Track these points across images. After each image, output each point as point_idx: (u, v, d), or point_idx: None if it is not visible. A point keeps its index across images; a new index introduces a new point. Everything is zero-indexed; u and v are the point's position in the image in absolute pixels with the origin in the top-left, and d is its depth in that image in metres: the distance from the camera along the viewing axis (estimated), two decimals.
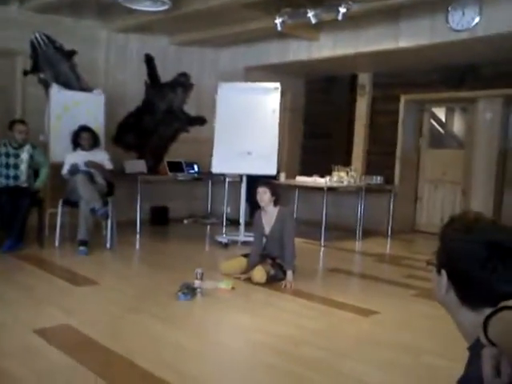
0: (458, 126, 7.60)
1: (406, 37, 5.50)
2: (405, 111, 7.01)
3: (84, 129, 5.44)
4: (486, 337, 1.03)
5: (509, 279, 1.09)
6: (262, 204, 4.31)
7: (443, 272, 1.18)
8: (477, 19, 4.89)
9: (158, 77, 6.99)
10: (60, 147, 5.51)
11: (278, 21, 5.26)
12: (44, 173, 5.19)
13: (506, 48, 5.41)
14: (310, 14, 5.08)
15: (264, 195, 4.27)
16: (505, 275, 1.09)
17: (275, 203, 4.33)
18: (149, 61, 6.89)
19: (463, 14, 4.99)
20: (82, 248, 4.87)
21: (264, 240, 4.39)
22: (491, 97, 6.36)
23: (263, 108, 5.67)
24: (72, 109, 5.75)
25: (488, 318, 1.04)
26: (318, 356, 2.73)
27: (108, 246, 5.16)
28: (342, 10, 4.86)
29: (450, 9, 5.06)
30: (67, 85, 6.00)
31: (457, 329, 1.22)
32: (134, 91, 6.78)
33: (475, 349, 1.10)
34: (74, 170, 5.14)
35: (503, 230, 1.15)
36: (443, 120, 7.59)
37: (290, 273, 4.12)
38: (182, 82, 7.24)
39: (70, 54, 6.14)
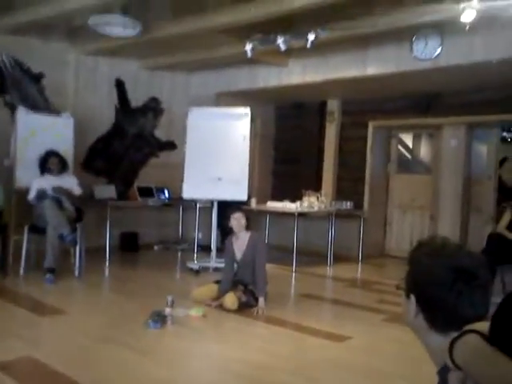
0: (424, 151, 7.81)
1: (374, 64, 5.67)
2: (373, 137, 7.17)
3: (52, 153, 5.37)
4: (452, 360, 1.06)
5: (473, 303, 1.13)
6: (237, 230, 4.34)
7: (412, 296, 1.21)
8: (439, 50, 5.10)
9: (128, 101, 7.00)
10: (26, 172, 5.40)
11: (248, 47, 5.36)
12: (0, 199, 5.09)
13: (467, 78, 5.63)
14: (280, 41, 5.19)
15: (242, 220, 4.33)
16: (469, 299, 1.13)
17: (246, 228, 4.36)
18: (119, 85, 6.90)
19: (426, 44, 5.19)
20: (48, 276, 4.76)
21: (235, 266, 4.39)
22: (455, 124, 6.58)
23: (234, 133, 5.72)
24: (39, 133, 5.67)
25: (453, 341, 1.07)
26: (289, 382, 2.72)
27: (76, 273, 5.06)
28: (311, 37, 4.99)
29: (414, 39, 5.26)
30: (35, 108, 5.93)
31: (426, 353, 1.24)
32: (104, 115, 6.76)
33: (443, 373, 1.13)
34: (42, 195, 5.06)
35: (469, 256, 1.19)
36: (410, 146, 7.79)
37: (261, 299, 4.12)
38: (153, 107, 7.26)
39: (38, 77, 6.10)
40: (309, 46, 5.04)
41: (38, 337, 3.34)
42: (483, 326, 1.07)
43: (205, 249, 6.69)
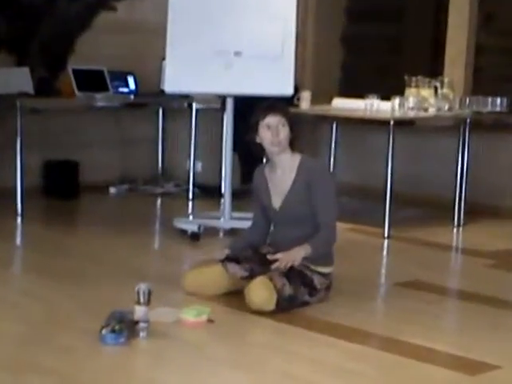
0: None
1: None
2: None
3: None
4: None
5: None
6: (274, 149, 4.35)
7: None
8: None
9: None
10: None
11: None
12: None
13: None
14: None
15: (282, 130, 4.31)
16: None
17: (292, 148, 4.38)
18: None
19: None
20: None
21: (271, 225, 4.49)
22: None
23: None
24: None
25: None
26: None
27: None
28: None
29: None
30: None
31: None
32: None
33: None
34: None
35: None
36: None
37: (302, 248, 4.19)
38: None
39: None
40: None
41: None
42: None
43: (208, 192, 6.73)
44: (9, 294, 4.50)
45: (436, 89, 6.41)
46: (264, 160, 4.64)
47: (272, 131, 4.31)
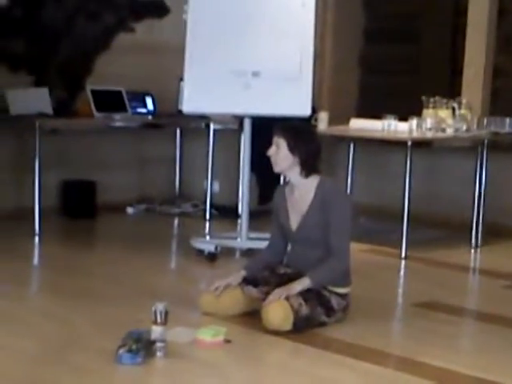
0: None
1: None
2: None
3: None
4: None
5: None
6: (277, 169, 4.37)
7: None
8: None
9: None
10: None
11: None
12: None
13: None
14: None
15: (275, 151, 4.31)
16: None
17: (308, 171, 4.34)
18: None
19: None
20: None
21: (288, 245, 4.48)
22: None
23: None
24: None
25: None
26: None
27: None
28: None
29: None
30: None
31: None
32: None
33: None
34: None
35: None
36: None
37: (304, 280, 4.15)
38: None
39: None
40: None
41: None
42: None
43: (225, 213, 6.72)
44: (26, 314, 4.51)
45: (454, 110, 6.40)
46: (281, 180, 4.63)
47: (270, 153, 4.36)
